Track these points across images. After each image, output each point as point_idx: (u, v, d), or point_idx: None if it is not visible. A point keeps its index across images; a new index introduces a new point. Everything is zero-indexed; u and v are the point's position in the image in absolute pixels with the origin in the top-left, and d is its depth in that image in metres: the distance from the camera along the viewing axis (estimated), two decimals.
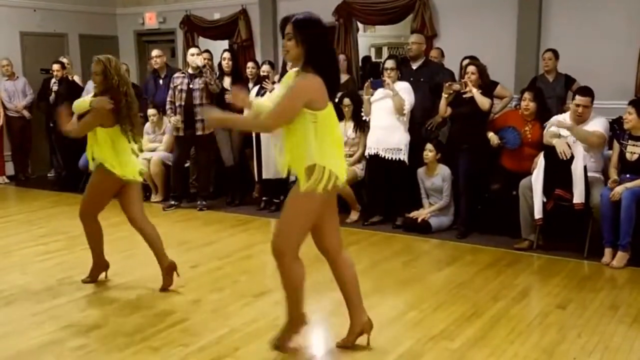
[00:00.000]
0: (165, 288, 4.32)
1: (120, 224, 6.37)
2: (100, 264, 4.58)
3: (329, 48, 3.19)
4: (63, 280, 4.60)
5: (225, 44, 9.41)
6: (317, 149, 3.01)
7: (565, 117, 5.25)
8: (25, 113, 9.12)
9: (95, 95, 4.30)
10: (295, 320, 3.33)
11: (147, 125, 7.53)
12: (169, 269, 4.36)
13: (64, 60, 8.67)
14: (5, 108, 9.05)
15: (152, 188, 7.48)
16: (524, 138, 5.48)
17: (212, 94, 6.71)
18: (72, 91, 7.95)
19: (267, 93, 6.47)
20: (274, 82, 6.60)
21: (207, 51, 7.58)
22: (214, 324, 3.72)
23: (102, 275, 4.59)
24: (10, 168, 9.33)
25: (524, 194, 5.19)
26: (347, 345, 3.38)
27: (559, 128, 5.13)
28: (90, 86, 8.34)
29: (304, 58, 3.01)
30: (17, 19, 9.46)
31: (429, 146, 5.81)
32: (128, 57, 10.55)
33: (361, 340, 3.39)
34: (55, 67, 8.36)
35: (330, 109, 3.05)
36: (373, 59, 11.00)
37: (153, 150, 7.43)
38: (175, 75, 6.94)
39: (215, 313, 3.91)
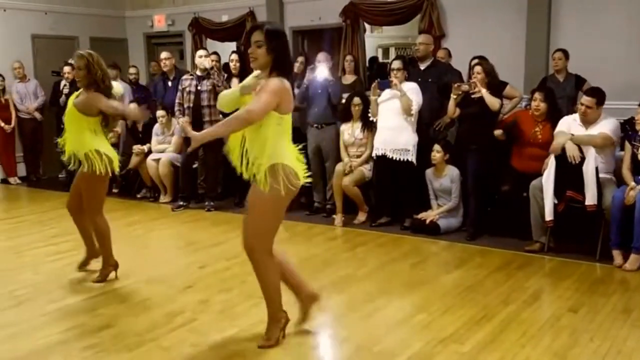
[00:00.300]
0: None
1: (133, 224, 6.46)
2: (110, 263, 4.61)
3: (290, 58, 3.40)
4: (73, 280, 4.62)
5: (233, 45, 9.43)
6: (280, 149, 3.17)
7: (576, 118, 5.22)
8: (37, 115, 9.19)
9: (77, 89, 4.43)
10: (277, 317, 3.43)
11: (156, 127, 7.56)
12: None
13: (73, 62, 8.70)
14: (17, 110, 9.12)
15: (160, 189, 7.51)
16: (534, 139, 5.45)
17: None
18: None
19: None
20: None
21: (215, 53, 7.61)
22: (223, 324, 3.72)
23: (112, 275, 4.61)
24: (22, 169, 9.41)
25: (534, 195, 5.15)
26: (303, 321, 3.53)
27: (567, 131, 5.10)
28: None
29: (271, 65, 3.17)
30: (29, 22, 9.54)
31: (436, 147, 5.79)
32: (137, 59, 10.61)
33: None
34: (66, 69, 8.41)
35: (290, 114, 3.24)
36: (380, 60, 10.99)
37: (162, 151, 7.46)
38: (184, 77, 6.97)
39: (224, 313, 3.91)
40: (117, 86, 4.62)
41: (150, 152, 7.54)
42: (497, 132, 5.56)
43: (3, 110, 8.98)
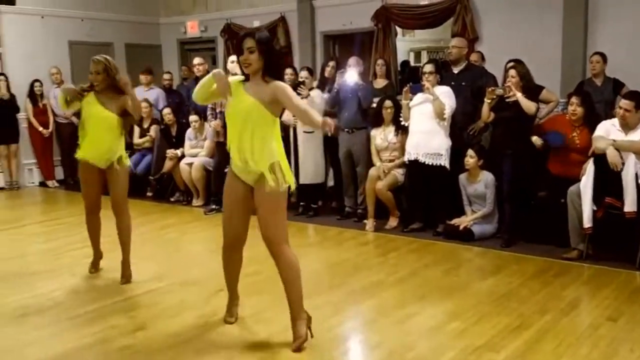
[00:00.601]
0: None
1: (166, 227, 6.53)
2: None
3: (281, 62, 3.70)
4: (110, 281, 4.69)
5: None
6: (277, 149, 3.42)
7: (615, 123, 5.09)
8: (74, 119, 9.34)
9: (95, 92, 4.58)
10: (302, 314, 3.51)
11: (189, 131, 7.64)
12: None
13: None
14: (54, 114, 9.34)
15: (193, 192, 7.59)
16: (572, 144, 5.34)
17: None
18: None
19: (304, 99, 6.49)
20: (311, 89, 6.60)
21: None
22: (255, 328, 3.73)
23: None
24: (59, 172, 9.62)
25: (572, 201, 5.04)
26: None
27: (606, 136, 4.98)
28: (137, 94, 8.54)
29: (262, 69, 3.37)
30: (66, 29, 9.76)
31: (470, 152, 5.71)
32: (171, 65, 10.77)
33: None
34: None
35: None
36: (412, 64, 10.93)
37: (195, 155, 7.54)
38: None
39: (256, 317, 3.92)
40: None
41: (183, 156, 7.63)
42: (537, 143, 5.44)
43: (41, 115, 9.21)
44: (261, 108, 3.33)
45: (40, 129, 9.18)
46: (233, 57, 7.09)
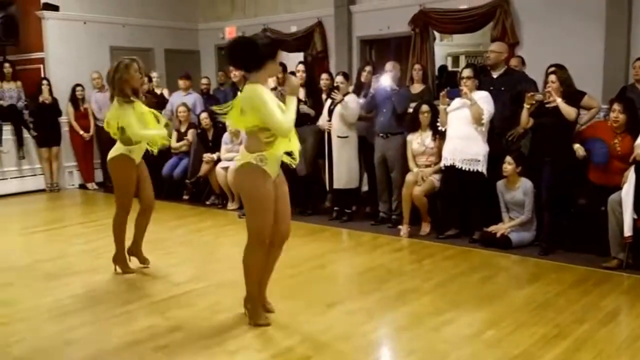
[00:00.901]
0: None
1: (201, 230, 6.61)
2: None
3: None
4: (146, 282, 4.77)
5: (300, 56, 9.53)
6: None
7: None
8: None
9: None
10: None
11: (226, 136, 7.72)
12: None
13: (153, 74, 9.02)
14: (95, 118, 9.54)
15: (228, 196, 7.66)
16: (613, 151, 5.21)
17: None
18: (157, 104, 8.27)
19: (339, 104, 6.49)
20: (346, 93, 6.59)
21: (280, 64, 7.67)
22: (287, 332, 3.73)
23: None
24: (99, 175, 9.81)
25: (613, 209, 4.91)
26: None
27: None
28: (174, 99, 8.70)
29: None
30: (108, 34, 9.98)
31: (508, 159, 5.62)
32: (209, 70, 10.90)
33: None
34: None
35: None
36: (450, 68, 10.83)
37: (231, 159, 7.59)
38: None
39: (288, 321, 3.92)
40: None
41: (219, 160, 7.71)
42: (579, 153, 5.33)
43: (82, 119, 9.42)
44: None
45: (82, 132, 9.39)
46: None
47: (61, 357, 3.44)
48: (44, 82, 9.05)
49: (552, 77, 5.37)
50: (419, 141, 6.23)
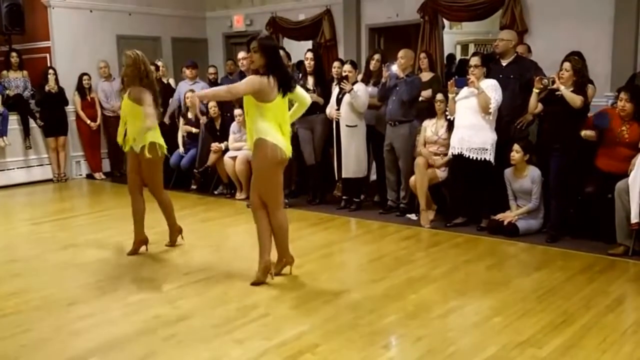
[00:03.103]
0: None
1: (209, 220, 6.64)
2: (176, 229, 5.48)
3: (280, 59, 4.38)
4: (154, 272, 4.80)
5: (308, 44, 9.50)
6: (263, 128, 4.21)
7: None
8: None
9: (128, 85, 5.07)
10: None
11: (234, 125, 7.72)
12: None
13: (159, 63, 8.99)
14: (102, 108, 9.57)
15: (237, 186, 7.67)
16: (621, 138, 5.19)
17: None
18: (164, 93, 8.27)
19: (347, 94, 6.47)
20: (355, 82, 6.57)
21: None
22: (295, 320, 3.76)
23: (180, 240, 5.49)
24: (106, 165, 9.86)
25: (620, 197, 4.90)
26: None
27: None
28: (181, 88, 8.70)
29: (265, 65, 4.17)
30: (114, 23, 9.97)
31: (516, 147, 5.60)
32: (217, 59, 10.88)
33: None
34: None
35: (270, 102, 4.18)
36: (459, 57, 10.76)
37: (239, 149, 7.61)
38: None
39: (296, 309, 3.95)
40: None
41: (227, 149, 7.72)
42: (588, 133, 5.31)
43: (89, 108, 9.44)
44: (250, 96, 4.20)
45: (88, 122, 9.41)
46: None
47: (69, 346, 3.47)
48: (50, 71, 9.02)
49: (566, 65, 5.33)
50: (433, 129, 6.21)
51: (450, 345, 3.37)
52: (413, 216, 6.34)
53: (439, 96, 6.19)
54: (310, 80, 7.02)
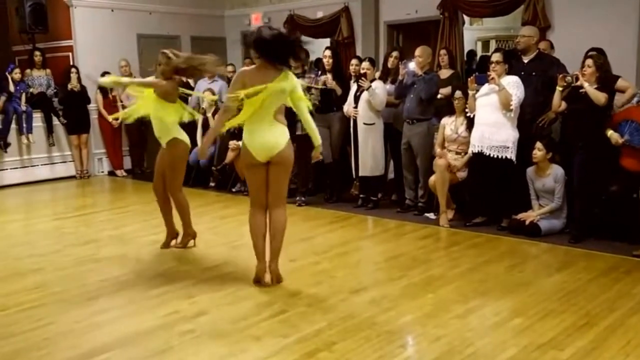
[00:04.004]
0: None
1: (227, 217, 6.64)
2: (189, 233, 5.40)
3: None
4: (172, 268, 4.82)
5: (326, 41, 9.46)
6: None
7: None
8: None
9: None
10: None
11: None
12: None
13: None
14: (123, 106, 9.62)
15: None
16: None
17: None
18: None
19: (365, 91, 6.43)
20: (373, 80, 6.52)
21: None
22: (312, 318, 3.74)
23: (191, 243, 5.39)
24: (128, 162, 9.94)
25: None
26: None
27: None
28: (200, 87, 8.73)
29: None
30: (135, 22, 10.05)
31: (538, 145, 5.51)
32: (235, 57, 10.89)
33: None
34: None
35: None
36: (480, 53, 10.64)
37: None
38: None
39: (313, 307, 3.92)
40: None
41: None
42: (614, 138, 5.19)
43: (111, 107, 9.50)
44: None
45: (110, 119, 9.50)
46: None
47: (88, 340, 3.49)
48: (73, 69, 9.15)
49: (589, 62, 5.24)
50: (452, 127, 6.14)
51: (469, 346, 3.31)
52: (431, 215, 6.28)
53: (458, 93, 6.11)
54: (329, 78, 6.99)
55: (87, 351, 3.35)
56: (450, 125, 6.16)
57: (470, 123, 5.97)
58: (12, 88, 8.62)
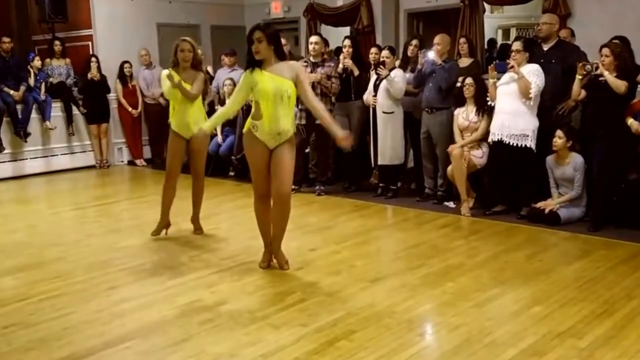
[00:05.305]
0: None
1: (246, 206, 6.64)
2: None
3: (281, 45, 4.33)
4: (192, 257, 4.86)
5: (345, 30, 9.43)
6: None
7: None
8: (162, 100, 9.62)
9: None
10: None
11: None
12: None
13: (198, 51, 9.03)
14: (143, 95, 9.71)
15: None
16: None
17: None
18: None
19: (384, 80, 6.41)
20: (392, 68, 6.49)
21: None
22: (331, 307, 3.76)
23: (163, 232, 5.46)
24: (147, 152, 10.01)
25: None
26: None
27: None
28: (220, 76, 8.75)
29: (275, 54, 4.18)
30: (155, 11, 10.07)
31: (558, 133, 5.47)
32: None
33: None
34: None
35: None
36: (500, 41, 10.54)
37: None
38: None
39: (332, 296, 3.95)
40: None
41: None
42: (634, 125, 5.12)
43: (130, 96, 9.59)
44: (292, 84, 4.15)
45: (130, 109, 9.57)
46: (313, 38, 7.11)
47: (108, 329, 3.54)
48: (93, 59, 9.16)
49: (605, 50, 5.16)
50: (464, 115, 6.12)
51: (488, 335, 3.32)
52: (451, 204, 6.27)
53: (468, 80, 6.07)
54: (346, 58, 6.95)
55: (108, 340, 3.39)
56: (462, 114, 6.13)
57: (481, 109, 5.95)
58: (32, 82, 8.67)
